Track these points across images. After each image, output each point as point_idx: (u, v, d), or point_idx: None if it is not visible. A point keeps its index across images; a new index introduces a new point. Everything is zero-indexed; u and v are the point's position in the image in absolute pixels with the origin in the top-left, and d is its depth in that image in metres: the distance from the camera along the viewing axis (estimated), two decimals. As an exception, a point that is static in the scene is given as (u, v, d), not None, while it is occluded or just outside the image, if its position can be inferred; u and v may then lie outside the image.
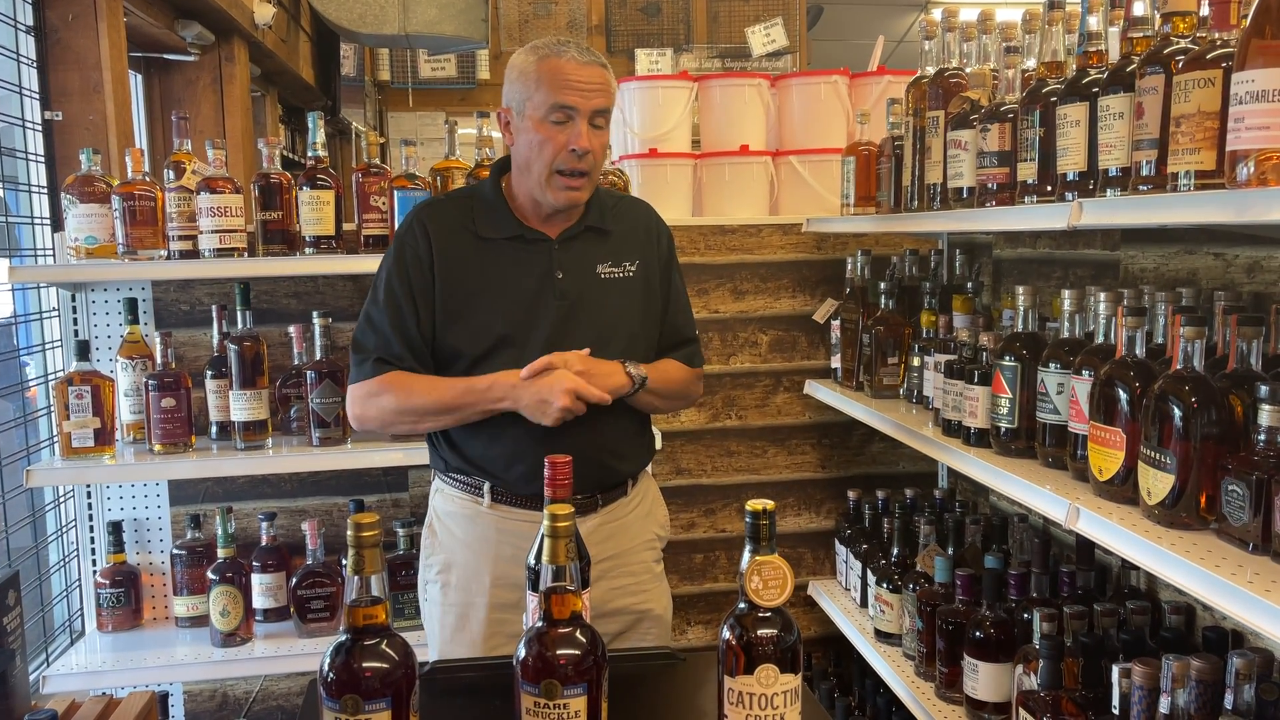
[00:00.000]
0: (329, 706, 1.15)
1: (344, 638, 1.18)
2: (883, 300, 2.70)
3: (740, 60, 7.10)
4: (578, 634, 1.20)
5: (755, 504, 1.20)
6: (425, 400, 2.00)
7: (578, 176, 1.98)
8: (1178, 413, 1.46)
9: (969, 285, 2.67)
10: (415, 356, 2.04)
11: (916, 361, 2.52)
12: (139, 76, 4.11)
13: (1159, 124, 1.48)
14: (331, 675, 1.15)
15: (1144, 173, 1.51)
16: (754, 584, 1.19)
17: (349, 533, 1.16)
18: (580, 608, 1.22)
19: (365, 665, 1.16)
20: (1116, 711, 1.71)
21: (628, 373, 2.03)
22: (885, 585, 2.59)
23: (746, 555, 1.21)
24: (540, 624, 1.20)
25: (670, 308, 2.19)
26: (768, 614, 1.20)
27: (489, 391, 1.96)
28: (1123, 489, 1.62)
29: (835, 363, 2.94)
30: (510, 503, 2.07)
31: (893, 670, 2.46)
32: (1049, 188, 1.81)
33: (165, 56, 4.08)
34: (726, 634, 1.21)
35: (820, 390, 2.95)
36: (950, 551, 2.44)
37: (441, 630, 2.12)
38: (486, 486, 2.07)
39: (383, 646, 1.17)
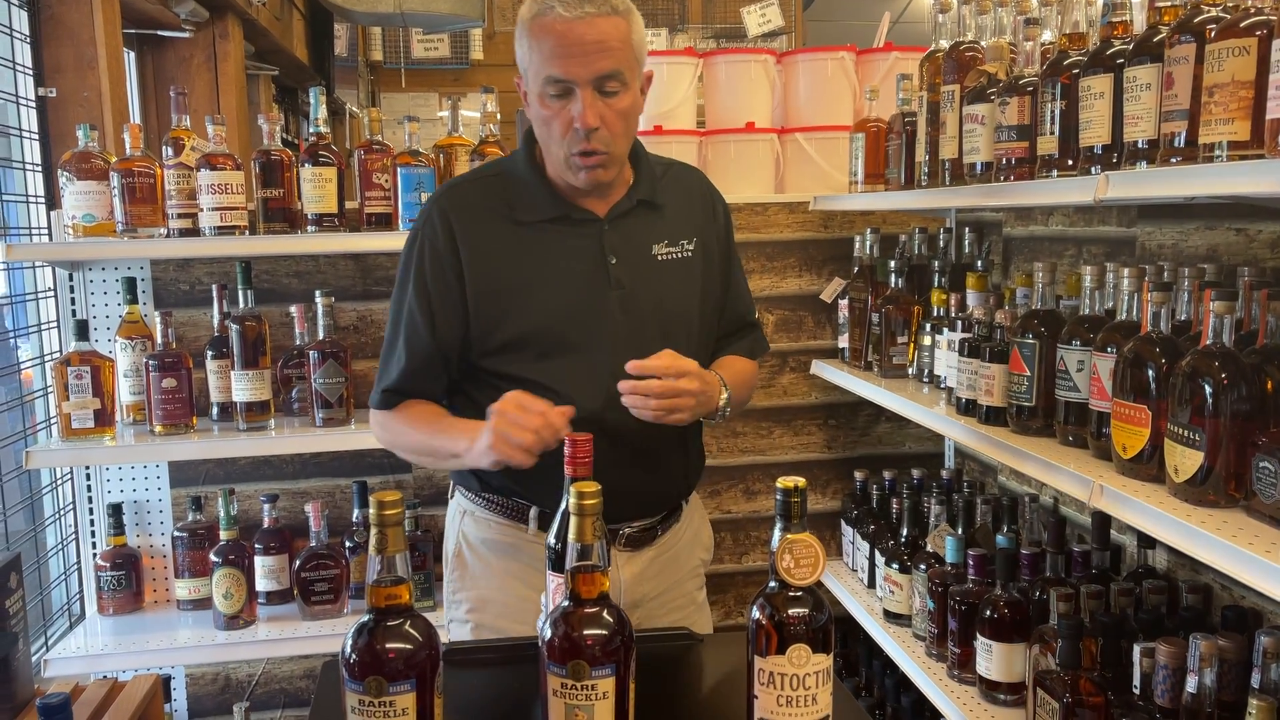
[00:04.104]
0: (352, 688, 1.13)
1: (366, 618, 1.15)
2: (892, 279, 2.67)
3: (735, 41, 7.05)
4: (605, 614, 1.17)
5: (786, 481, 1.18)
6: (413, 451, 1.86)
7: (593, 155, 1.69)
8: (1207, 389, 1.44)
9: (979, 264, 2.64)
10: (431, 379, 1.81)
11: (927, 340, 2.50)
12: (132, 54, 4.04)
13: (1190, 94, 1.45)
14: (354, 656, 1.13)
15: (1174, 144, 1.48)
16: (786, 563, 1.17)
17: (371, 511, 1.13)
18: (607, 587, 1.19)
19: (389, 646, 1.13)
20: (1138, 691, 1.69)
21: (721, 402, 1.76)
22: (894, 566, 2.57)
23: (777, 533, 1.18)
24: (567, 604, 1.18)
25: (732, 290, 1.96)
26: (799, 593, 1.18)
27: (456, 458, 1.72)
28: (1147, 467, 1.60)
29: (843, 342, 2.91)
30: None
31: (903, 651, 2.44)
32: (1070, 162, 1.78)
33: (159, 33, 4.02)
34: (757, 614, 1.18)
35: (828, 370, 2.93)
36: (960, 532, 2.43)
37: None
38: (534, 511, 1.80)
39: (406, 627, 1.15)
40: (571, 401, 1.68)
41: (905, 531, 2.61)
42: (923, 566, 2.42)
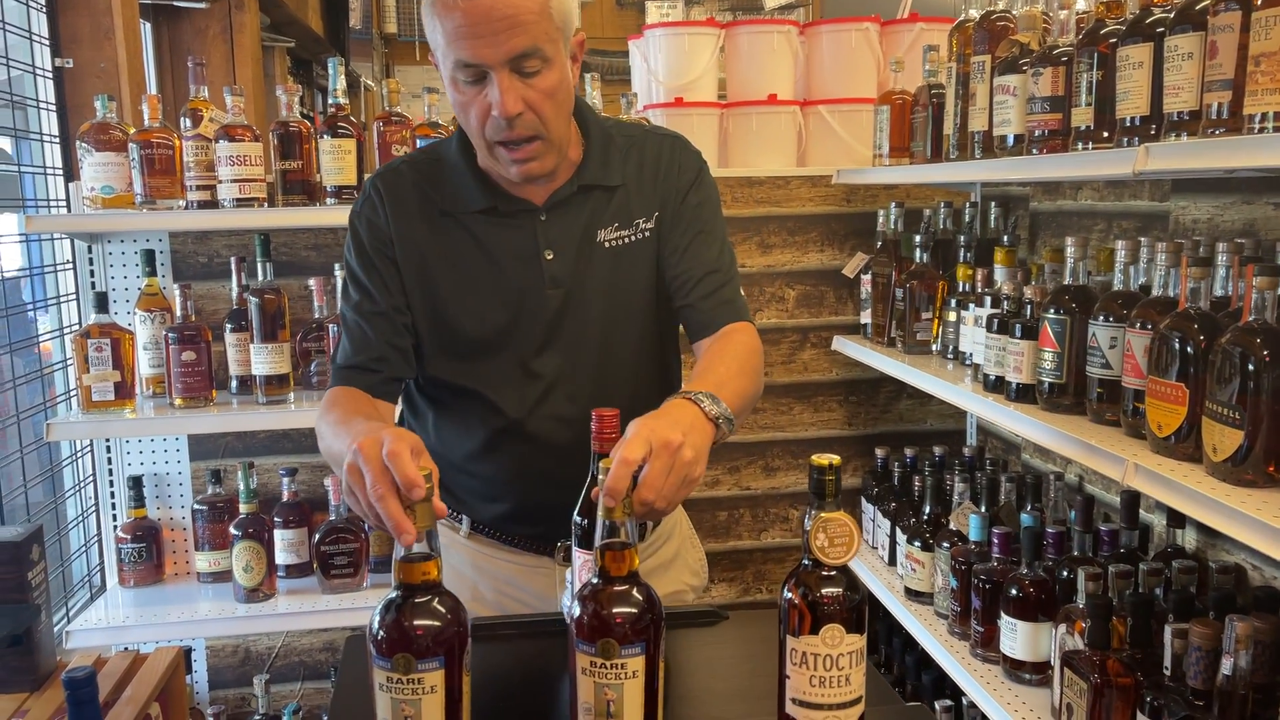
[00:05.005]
0: (380, 665, 1.11)
1: (394, 594, 1.14)
2: (917, 254, 2.63)
3: (752, 13, 6.98)
4: (634, 592, 1.16)
5: (820, 459, 1.16)
6: (322, 449, 1.54)
7: (520, 146, 1.50)
8: (1250, 366, 1.41)
9: (1005, 239, 2.61)
10: (397, 351, 1.62)
11: (953, 316, 2.46)
12: (148, 25, 4.01)
13: (1234, 64, 1.41)
14: (382, 633, 1.11)
15: (1217, 115, 1.44)
16: (819, 541, 1.15)
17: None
18: (637, 565, 1.17)
19: (417, 623, 1.11)
20: (1168, 672, 1.67)
21: (709, 418, 1.36)
22: (916, 543, 2.55)
23: (811, 511, 1.16)
24: (596, 581, 1.16)
25: (691, 250, 1.63)
26: (832, 572, 1.16)
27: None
28: (1183, 446, 1.57)
29: (865, 318, 2.88)
30: (492, 537, 1.76)
31: (925, 629, 2.43)
32: (1105, 134, 1.74)
33: (175, 4, 3.98)
34: (789, 593, 1.16)
35: (850, 346, 2.90)
36: (984, 509, 2.40)
37: None
38: (465, 518, 1.76)
39: (434, 604, 1.13)
40: (499, 408, 1.64)
41: (927, 509, 2.59)
42: (945, 544, 2.40)
